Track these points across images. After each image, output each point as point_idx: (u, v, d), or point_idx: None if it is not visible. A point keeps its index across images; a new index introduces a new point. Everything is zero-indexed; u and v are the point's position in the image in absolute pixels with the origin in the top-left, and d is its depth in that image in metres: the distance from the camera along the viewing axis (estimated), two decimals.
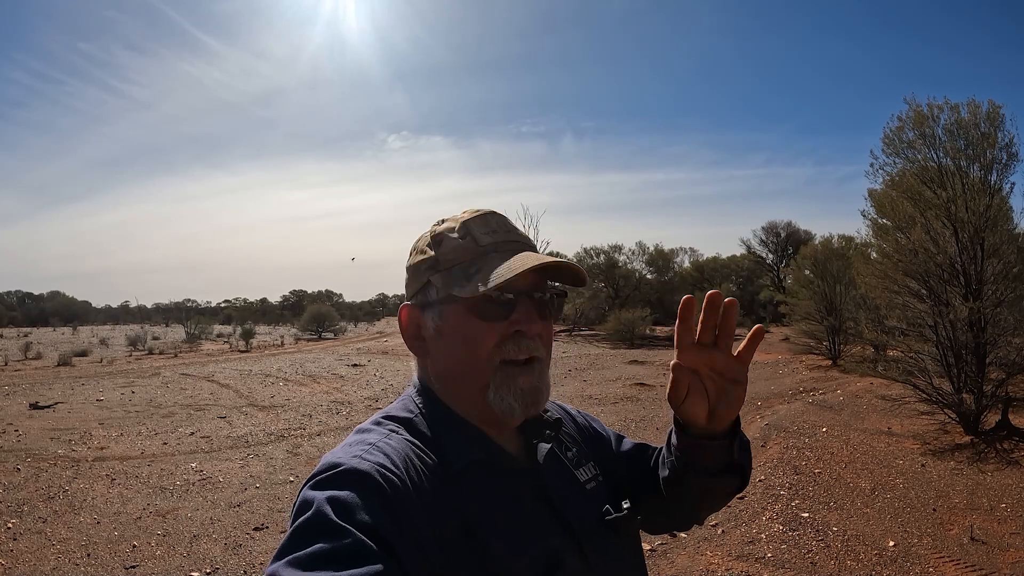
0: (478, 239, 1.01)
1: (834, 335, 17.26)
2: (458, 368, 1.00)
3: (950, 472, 7.05)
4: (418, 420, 1.01)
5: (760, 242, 43.42)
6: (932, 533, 5.41)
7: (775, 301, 23.19)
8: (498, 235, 1.02)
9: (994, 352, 8.56)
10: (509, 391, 0.97)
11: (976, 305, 8.26)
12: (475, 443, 0.99)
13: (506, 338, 0.98)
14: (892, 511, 5.94)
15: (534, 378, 0.99)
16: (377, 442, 0.92)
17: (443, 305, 1.00)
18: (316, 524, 0.77)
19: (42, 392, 13.79)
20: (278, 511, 6.28)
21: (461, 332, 0.99)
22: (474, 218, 1.04)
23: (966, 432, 8.52)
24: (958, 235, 8.56)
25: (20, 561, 5.04)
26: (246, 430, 9.96)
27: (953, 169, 8.72)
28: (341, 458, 0.87)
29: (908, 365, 9.13)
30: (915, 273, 8.91)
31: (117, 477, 7.33)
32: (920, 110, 9.04)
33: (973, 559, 4.89)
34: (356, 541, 0.75)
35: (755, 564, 4.86)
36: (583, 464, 1.13)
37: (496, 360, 0.97)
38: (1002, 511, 5.86)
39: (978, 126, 8.69)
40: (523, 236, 1.06)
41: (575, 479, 1.09)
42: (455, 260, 1.00)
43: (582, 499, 1.06)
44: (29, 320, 65.79)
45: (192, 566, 5.02)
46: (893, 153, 9.32)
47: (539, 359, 1.00)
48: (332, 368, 18.86)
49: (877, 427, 9.23)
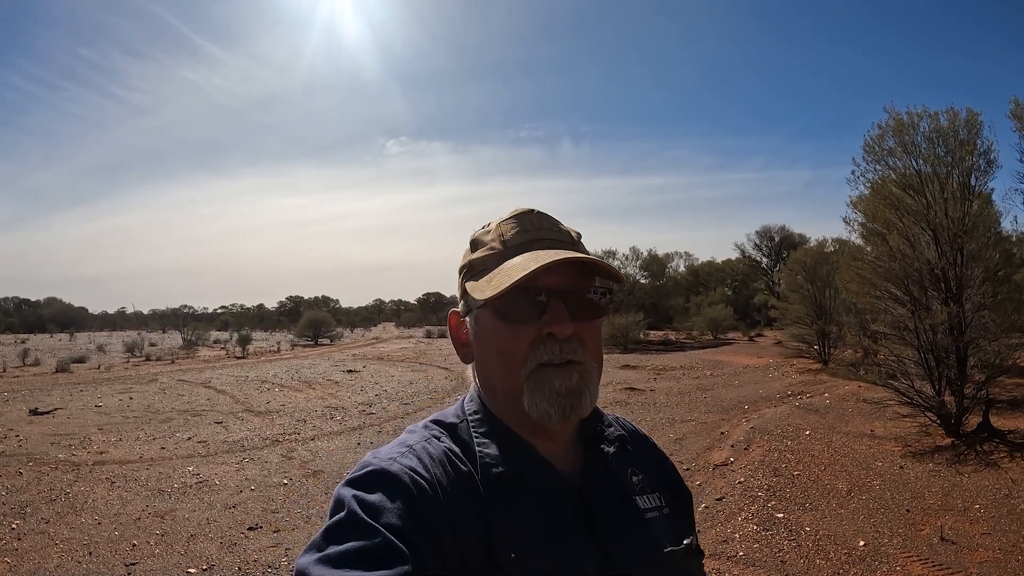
0: (507, 241, 0.98)
1: (824, 339, 17.44)
2: (496, 374, 0.97)
3: (928, 474, 7.22)
4: (462, 427, 0.99)
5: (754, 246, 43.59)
6: (903, 533, 5.59)
7: (769, 305, 23.37)
8: (528, 234, 0.98)
9: (975, 355, 8.73)
10: (543, 395, 0.91)
11: (954, 309, 8.45)
12: (515, 454, 0.95)
13: (539, 341, 0.93)
14: (866, 512, 6.13)
15: (572, 380, 0.92)
16: (414, 445, 0.93)
17: (476, 311, 0.98)
18: (347, 523, 0.79)
19: (41, 398, 13.96)
20: (272, 512, 6.48)
21: (493, 337, 0.96)
22: (510, 218, 1.01)
23: (947, 434, 8.66)
24: (938, 240, 8.77)
25: (25, 559, 5.25)
26: (242, 435, 10.16)
27: (932, 176, 8.92)
28: (376, 458, 0.89)
29: (890, 368, 9.32)
30: (894, 278, 9.10)
31: (117, 480, 7.53)
32: (900, 118, 9.26)
33: (941, 558, 5.06)
34: (385, 541, 0.77)
35: (727, 562, 5.07)
36: (648, 492, 1.05)
37: (532, 364, 0.92)
38: (975, 512, 6.03)
39: (957, 133, 8.90)
40: (557, 233, 1.01)
41: (635, 505, 1.01)
42: (483, 266, 0.98)
43: (637, 527, 0.98)
44: (26, 326, 65.74)
45: (189, 563, 5.23)
46: (874, 160, 9.53)
47: (579, 362, 0.94)
48: (327, 374, 19.04)
49: (860, 430, 9.42)
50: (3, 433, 9.99)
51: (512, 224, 1.00)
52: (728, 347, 26.23)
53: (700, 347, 27.04)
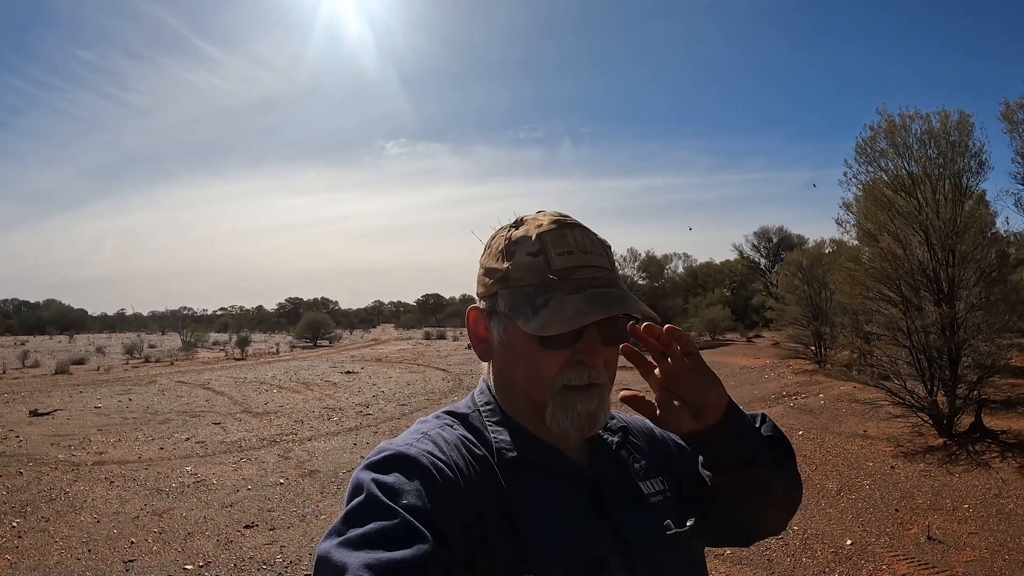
0: (551, 261, 0.96)
1: (820, 340, 17.51)
2: (520, 384, 0.99)
3: (918, 474, 7.30)
4: (474, 416, 1.03)
5: (752, 247, 43.54)
6: (890, 532, 5.68)
7: (766, 306, 23.43)
8: (573, 257, 0.96)
9: (969, 355, 8.79)
10: (567, 416, 0.95)
11: (946, 309, 8.52)
12: (528, 440, 0.99)
13: (569, 365, 0.95)
14: (855, 511, 6.21)
15: (593, 404, 0.96)
16: (429, 431, 0.96)
17: (509, 322, 0.98)
18: (367, 505, 0.81)
19: (41, 399, 14.03)
20: (268, 511, 6.56)
21: (524, 354, 0.97)
22: (552, 231, 0.98)
23: (940, 435, 8.73)
24: (929, 241, 8.84)
25: (25, 556, 5.34)
26: (239, 435, 10.25)
27: (924, 177, 9.00)
28: (393, 444, 0.91)
29: (883, 369, 9.39)
30: (886, 279, 9.18)
31: (116, 480, 7.62)
32: (892, 120, 9.34)
33: (927, 557, 5.14)
34: (404, 521, 0.78)
35: (714, 561, 5.14)
36: (651, 477, 1.09)
37: (558, 384, 0.95)
38: (964, 511, 6.12)
39: (948, 135, 8.97)
40: (599, 259, 0.99)
41: (639, 491, 1.06)
42: (524, 280, 0.96)
43: (643, 512, 1.03)
44: (26, 328, 65.76)
45: (186, 560, 5.32)
46: (866, 162, 9.62)
47: (600, 384, 0.97)
48: (326, 375, 19.11)
49: (853, 430, 9.50)
50: (3, 434, 10.07)
51: (555, 238, 0.97)
52: (726, 348, 26.24)
53: (698, 348, 26.55)
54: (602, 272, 0.98)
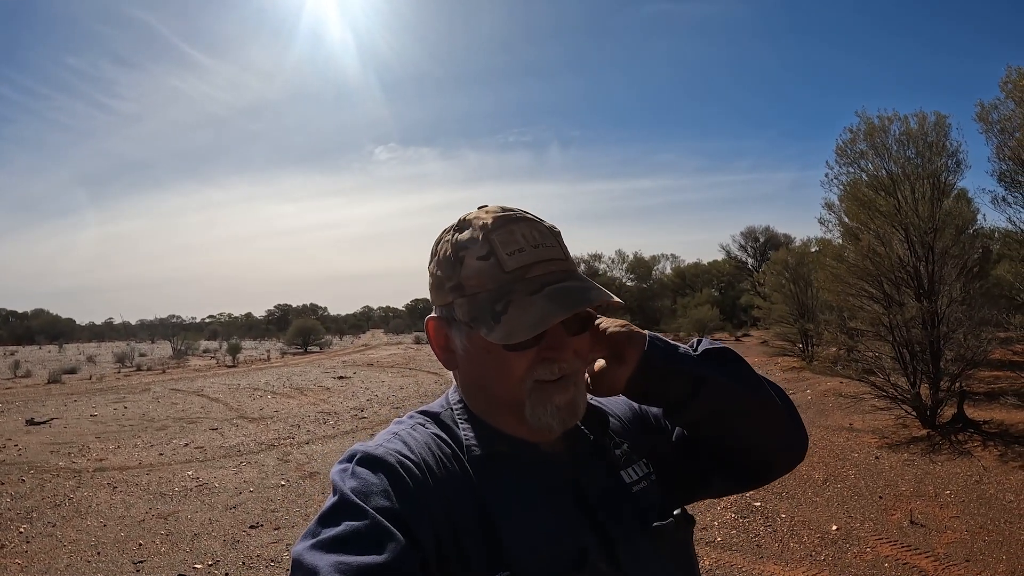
0: (503, 262, 0.92)
1: (806, 337, 17.76)
2: (492, 388, 0.98)
3: (902, 463, 7.53)
4: (446, 414, 1.02)
5: (739, 247, 43.89)
6: (875, 518, 5.89)
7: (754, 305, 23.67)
8: (525, 255, 0.93)
9: (951, 349, 9.04)
10: (545, 410, 0.93)
11: (926, 305, 8.77)
12: (498, 436, 0.98)
13: (537, 362, 0.94)
14: (840, 499, 6.43)
15: (569, 393, 0.95)
16: (399, 431, 0.97)
17: (470, 329, 0.95)
18: (339, 507, 0.83)
19: (36, 409, 14.02)
20: (271, 511, 6.71)
21: (490, 360, 0.95)
22: (498, 229, 0.94)
23: (923, 426, 8.99)
24: (909, 239, 9.10)
25: (35, 561, 5.45)
26: (237, 440, 10.35)
27: (903, 177, 9.26)
28: (363, 446, 0.92)
29: (867, 364, 9.63)
30: (868, 276, 9.43)
31: (118, 485, 7.72)
32: (871, 122, 9.60)
33: (910, 540, 5.35)
34: (375, 522, 0.79)
35: (705, 548, 5.36)
36: (633, 463, 1.07)
37: (529, 381, 0.94)
38: (946, 497, 6.35)
39: (926, 136, 9.23)
40: (551, 251, 0.96)
41: (620, 480, 1.03)
42: (479, 287, 0.93)
43: (625, 501, 1.01)
44: (15, 338, 65.16)
45: (195, 560, 5.45)
46: (846, 163, 9.88)
47: (570, 374, 0.95)
48: (318, 380, 19.17)
49: (839, 424, 9.74)
50: (1, 443, 10.12)
51: (503, 237, 0.93)
52: None
53: None
54: (556, 264, 0.95)
